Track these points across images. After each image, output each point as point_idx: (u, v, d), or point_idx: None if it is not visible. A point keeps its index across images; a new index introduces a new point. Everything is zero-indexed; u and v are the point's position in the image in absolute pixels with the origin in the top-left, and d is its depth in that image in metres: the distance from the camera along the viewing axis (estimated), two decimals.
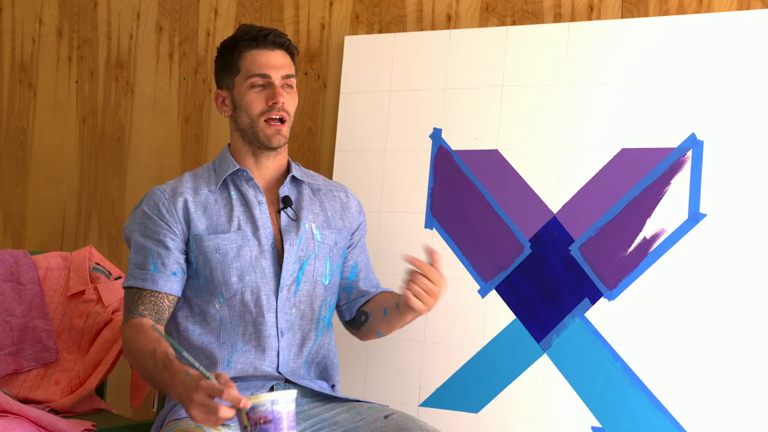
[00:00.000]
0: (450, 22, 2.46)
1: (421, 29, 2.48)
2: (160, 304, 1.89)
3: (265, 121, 1.94)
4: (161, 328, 1.76)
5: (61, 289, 2.40)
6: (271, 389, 1.90)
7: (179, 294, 1.92)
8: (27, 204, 3.04)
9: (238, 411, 1.53)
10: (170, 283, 1.90)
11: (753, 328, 2.00)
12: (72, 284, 2.40)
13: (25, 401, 2.22)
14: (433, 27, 2.47)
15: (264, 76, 1.94)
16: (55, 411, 2.22)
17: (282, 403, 1.54)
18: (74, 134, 2.98)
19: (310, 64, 2.62)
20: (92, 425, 2.06)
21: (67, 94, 3.00)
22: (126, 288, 1.93)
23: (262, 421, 1.53)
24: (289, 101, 1.97)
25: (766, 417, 1.97)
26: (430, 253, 1.83)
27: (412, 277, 1.81)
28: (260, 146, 1.96)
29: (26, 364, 2.29)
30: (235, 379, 1.88)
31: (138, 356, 1.80)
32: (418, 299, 1.80)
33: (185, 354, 1.60)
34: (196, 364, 1.59)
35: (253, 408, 1.52)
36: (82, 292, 2.39)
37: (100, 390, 2.39)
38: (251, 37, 1.96)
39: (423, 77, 2.40)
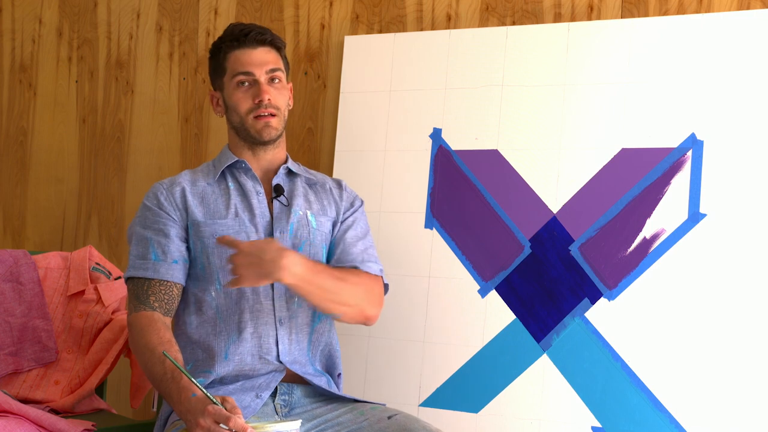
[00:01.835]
0: (450, 22, 2.46)
1: (421, 29, 2.48)
2: (170, 294, 1.90)
3: (254, 117, 1.97)
4: (171, 355, 1.74)
5: (61, 289, 2.40)
6: (275, 392, 1.90)
7: (183, 282, 1.92)
8: (27, 204, 3.04)
9: None
10: (172, 271, 1.90)
11: (753, 328, 2.00)
12: (72, 284, 2.40)
13: (25, 401, 2.22)
14: (433, 27, 2.47)
15: (247, 73, 1.97)
16: (55, 411, 2.22)
17: None
18: (74, 134, 2.98)
19: (310, 64, 2.63)
20: (92, 425, 2.06)
21: (67, 94, 3.00)
22: (129, 279, 1.92)
23: None
24: (278, 96, 1.99)
25: (766, 417, 1.97)
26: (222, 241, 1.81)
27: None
28: (254, 141, 1.99)
29: (26, 364, 2.29)
30: (237, 377, 1.88)
31: (147, 356, 1.80)
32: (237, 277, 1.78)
33: (193, 379, 1.63)
34: (202, 389, 1.62)
35: None
36: (82, 292, 2.39)
37: (100, 390, 2.39)
38: (233, 38, 1.99)
39: (423, 77, 2.40)
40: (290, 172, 2.05)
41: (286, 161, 2.05)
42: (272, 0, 2.69)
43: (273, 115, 1.97)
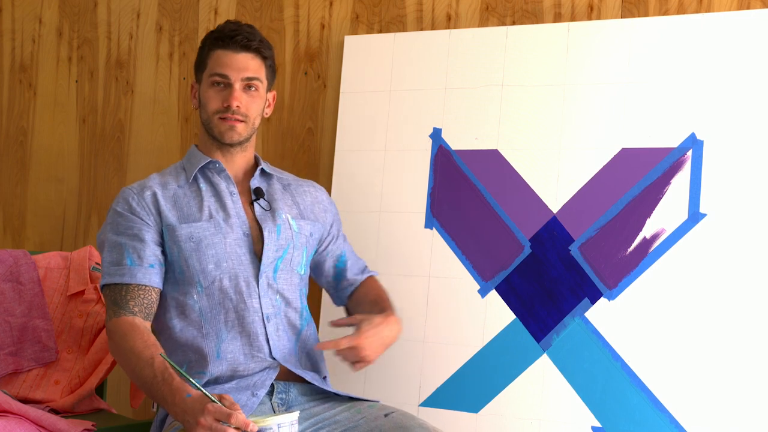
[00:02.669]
0: (450, 22, 2.46)
1: (421, 29, 2.48)
2: (149, 298, 1.89)
3: (220, 118, 1.97)
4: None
5: (61, 289, 2.40)
6: (272, 389, 1.90)
7: (160, 286, 1.91)
8: (27, 204, 3.04)
9: None
10: (149, 275, 1.89)
11: (753, 328, 2.00)
12: (72, 284, 2.40)
13: (25, 401, 2.22)
14: (433, 27, 2.47)
15: (223, 76, 1.97)
16: (55, 411, 2.22)
17: (287, 426, 1.59)
18: (74, 134, 2.98)
19: (310, 64, 2.63)
20: (92, 425, 2.06)
21: (67, 94, 3.00)
22: (105, 286, 1.90)
23: None
24: (250, 103, 1.98)
25: (766, 417, 1.97)
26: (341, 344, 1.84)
27: (339, 355, 1.87)
28: (219, 141, 2.00)
29: (26, 363, 2.29)
30: (231, 377, 1.88)
31: (132, 360, 1.78)
32: (357, 363, 1.87)
33: (192, 380, 1.63)
34: (201, 388, 1.62)
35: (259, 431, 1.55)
36: (82, 292, 2.39)
37: (100, 390, 2.39)
38: (219, 37, 1.99)
39: (423, 77, 2.40)
40: (263, 172, 2.06)
41: (256, 162, 2.06)
42: (272, 0, 2.69)
43: (240, 121, 1.97)
